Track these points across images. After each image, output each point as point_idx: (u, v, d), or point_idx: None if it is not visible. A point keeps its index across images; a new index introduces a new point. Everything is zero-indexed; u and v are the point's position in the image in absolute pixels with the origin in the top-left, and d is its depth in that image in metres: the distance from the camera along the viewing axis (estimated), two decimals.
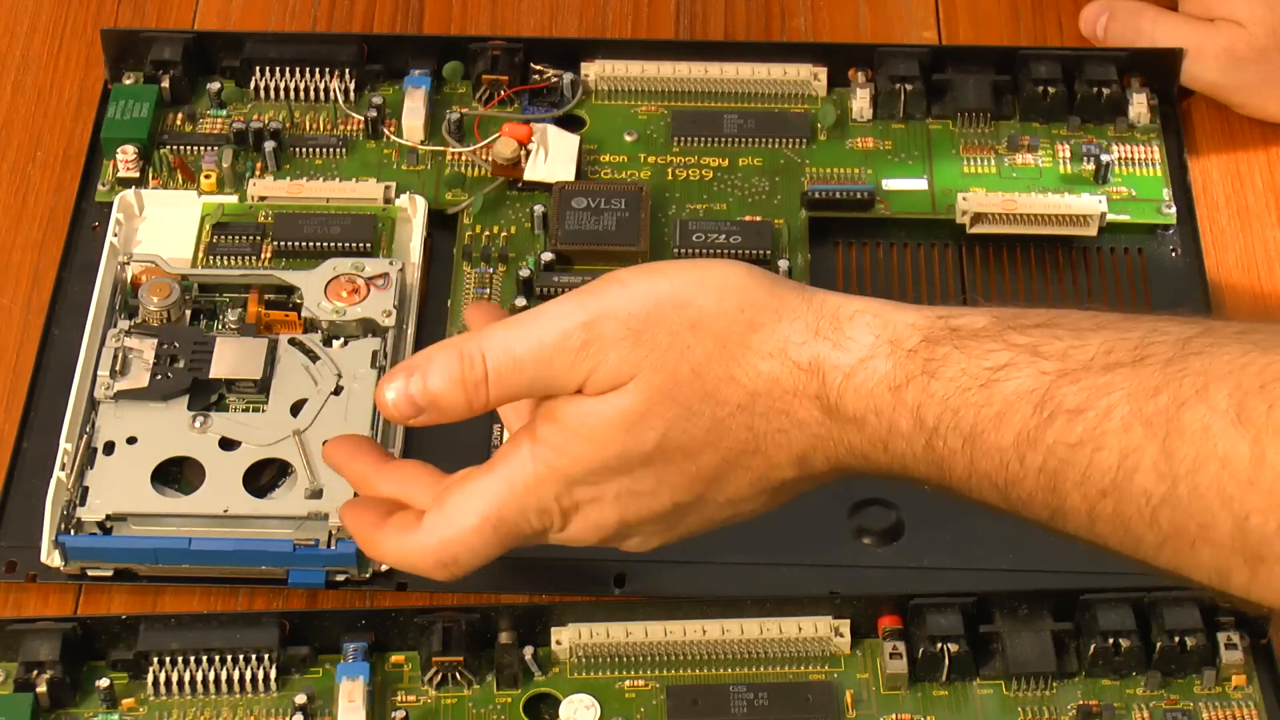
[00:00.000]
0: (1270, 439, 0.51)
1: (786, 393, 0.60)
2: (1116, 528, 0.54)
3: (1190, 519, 0.52)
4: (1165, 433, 0.52)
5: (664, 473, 0.61)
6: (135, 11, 0.91)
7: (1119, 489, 0.53)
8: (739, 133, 0.84)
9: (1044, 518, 0.57)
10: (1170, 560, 0.54)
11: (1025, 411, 0.56)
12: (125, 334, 0.75)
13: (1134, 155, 0.84)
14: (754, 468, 0.61)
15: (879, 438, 0.59)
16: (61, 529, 0.70)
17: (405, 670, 0.68)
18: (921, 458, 0.58)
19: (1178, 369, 0.53)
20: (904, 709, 0.68)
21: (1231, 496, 0.51)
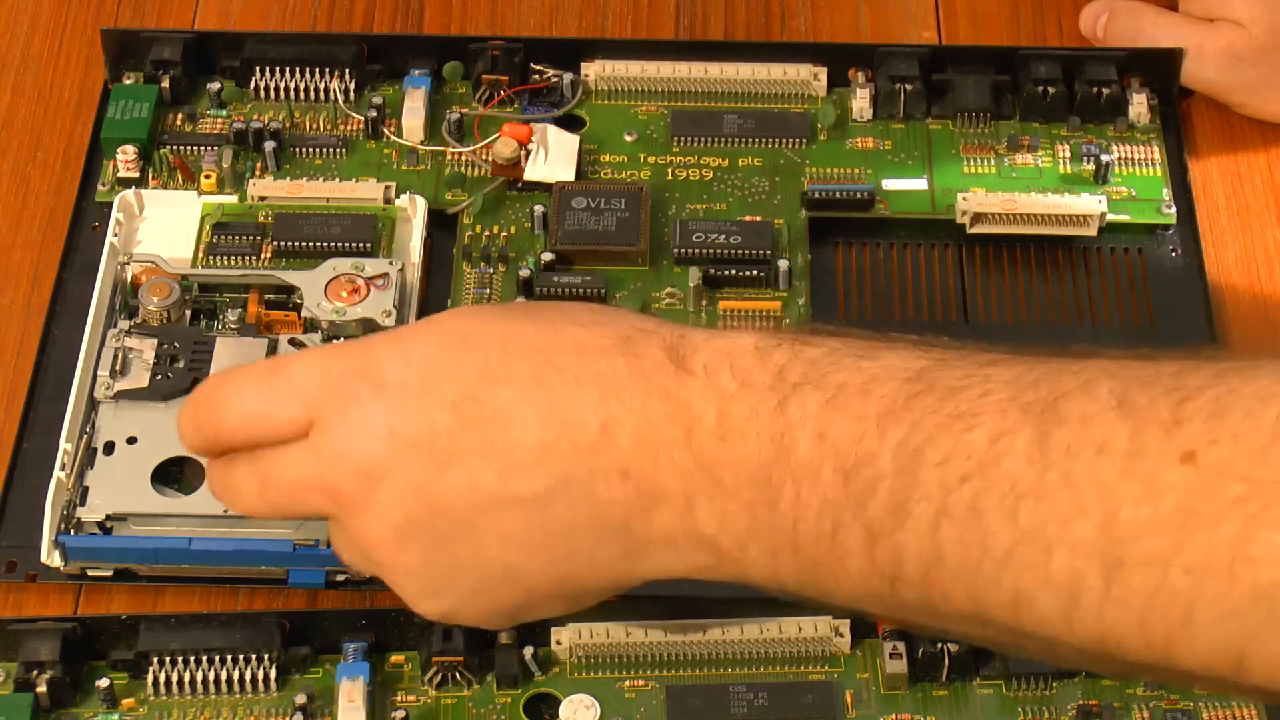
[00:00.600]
0: (1151, 429, 0.48)
1: (635, 328, 0.56)
2: (965, 529, 0.49)
3: (1055, 513, 0.48)
4: (1042, 419, 0.49)
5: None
6: (135, 11, 0.91)
7: (983, 473, 0.49)
8: (739, 133, 0.84)
9: (877, 519, 0.51)
10: (1016, 579, 0.49)
11: (895, 381, 0.52)
12: (125, 334, 0.75)
13: (1134, 155, 0.84)
14: (563, 389, 0.55)
15: (723, 396, 0.53)
16: (61, 529, 0.70)
17: (405, 670, 0.69)
18: (765, 426, 0.53)
19: (1059, 366, 0.51)
20: (904, 709, 0.68)
21: (1105, 485, 0.48)
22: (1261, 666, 0.46)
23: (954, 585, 0.51)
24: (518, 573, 0.58)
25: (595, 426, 0.55)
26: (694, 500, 0.54)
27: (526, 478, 0.56)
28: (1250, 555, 0.46)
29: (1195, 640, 0.47)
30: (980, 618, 0.51)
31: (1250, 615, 0.46)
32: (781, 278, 0.78)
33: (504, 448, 0.56)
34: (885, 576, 0.52)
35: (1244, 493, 0.46)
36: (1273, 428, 0.46)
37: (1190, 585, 0.47)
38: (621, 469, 0.55)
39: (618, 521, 0.56)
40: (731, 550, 0.55)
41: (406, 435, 0.56)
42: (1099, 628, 0.49)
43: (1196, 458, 0.47)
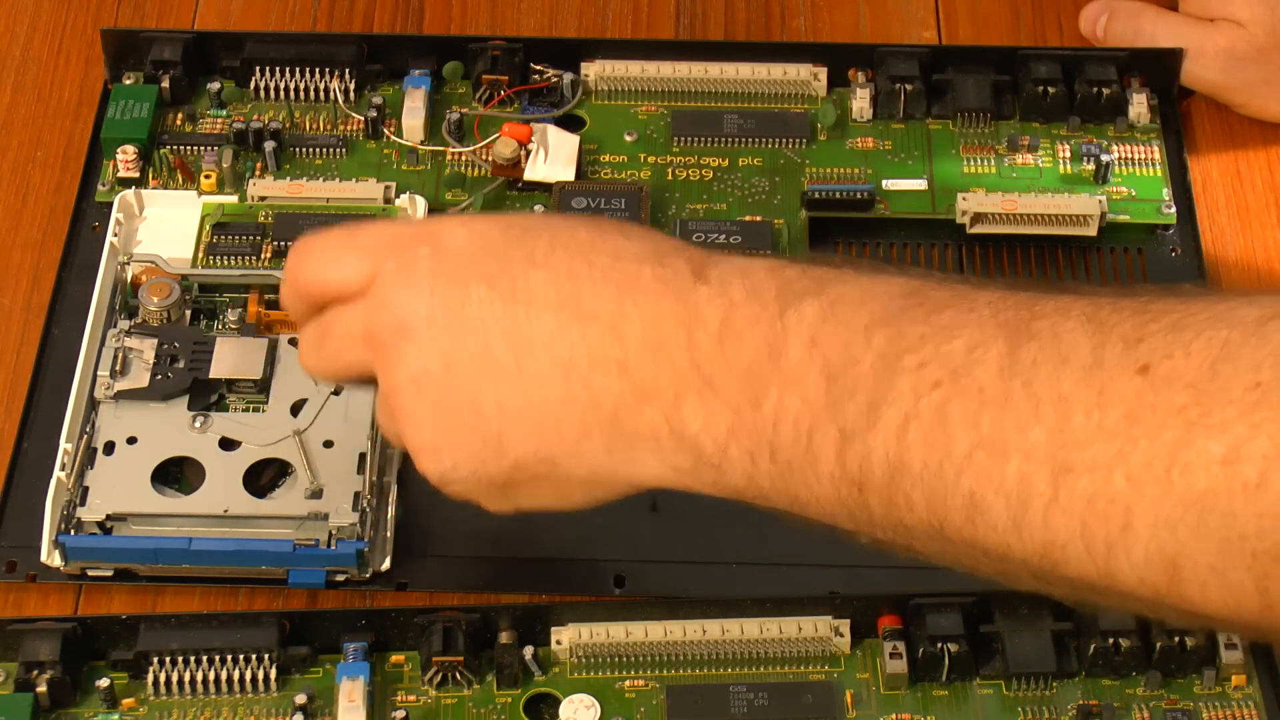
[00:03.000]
0: (1113, 344, 0.50)
1: (669, 243, 0.59)
2: (931, 432, 0.52)
3: (1014, 419, 0.50)
4: (1017, 334, 0.51)
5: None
6: (135, 11, 0.91)
7: (955, 380, 0.51)
8: (739, 133, 0.84)
9: (851, 420, 0.53)
10: (972, 482, 0.51)
11: (890, 296, 0.54)
12: (125, 334, 0.75)
13: (1134, 155, 0.84)
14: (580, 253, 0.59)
15: (731, 303, 0.56)
16: (61, 529, 0.70)
17: (405, 670, 0.69)
18: (763, 331, 0.55)
19: (1040, 295, 0.53)
20: (904, 709, 0.68)
21: (1063, 394, 0.50)
22: (1193, 578, 0.48)
23: (916, 491, 0.52)
24: (507, 444, 0.60)
25: (607, 320, 0.58)
26: (683, 398, 0.57)
27: (534, 356, 0.58)
28: (1186, 463, 0.47)
29: (1132, 550, 0.48)
30: (939, 528, 0.52)
31: (1183, 523, 0.47)
32: None
33: (521, 325, 0.59)
34: (854, 482, 0.54)
35: (1187, 401, 0.47)
36: (1223, 345, 0.48)
37: (1130, 491, 0.48)
38: (621, 362, 0.57)
39: (608, 412, 0.58)
40: (712, 452, 0.57)
41: (443, 296, 0.60)
42: (1045, 535, 0.50)
43: (1150, 370, 0.49)
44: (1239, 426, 0.46)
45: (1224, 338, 0.48)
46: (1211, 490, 0.47)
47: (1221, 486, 0.47)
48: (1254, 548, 0.46)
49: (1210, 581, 0.48)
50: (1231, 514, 0.46)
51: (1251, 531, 0.46)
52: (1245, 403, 0.47)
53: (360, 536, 0.70)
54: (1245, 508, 0.46)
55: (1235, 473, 0.46)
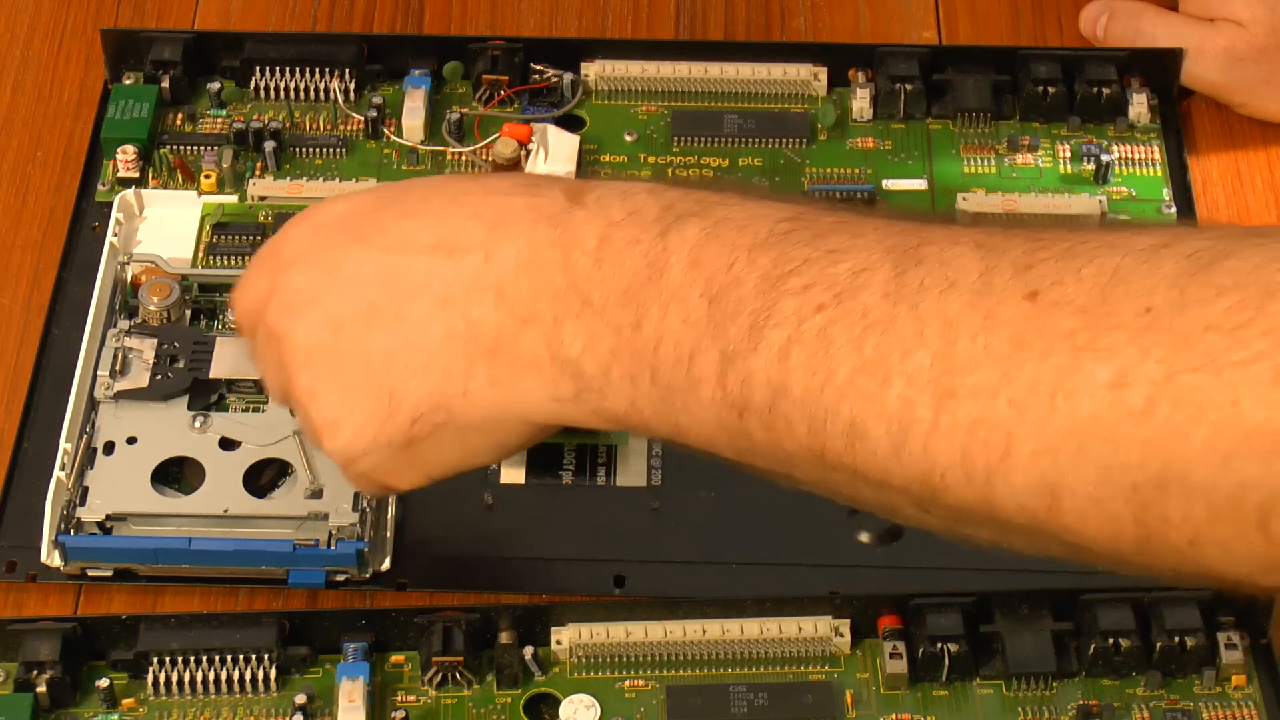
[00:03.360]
0: (1002, 269, 0.49)
1: (543, 177, 0.59)
2: (813, 355, 0.51)
3: (897, 343, 0.49)
4: (904, 258, 0.51)
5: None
6: (135, 11, 0.91)
7: (839, 303, 0.50)
8: (739, 133, 0.84)
9: (734, 341, 0.52)
10: (853, 407, 0.50)
11: (775, 219, 0.54)
12: (125, 334, 0.75)
13: (1134, 155, 0.84)
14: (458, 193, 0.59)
15: (609, 223, 0.55)
16: (61, 529, 0.70)
17: (405, 670, 0.68)
18: (644, 251, 0.55)
19: (929, 222, 0.52)
20: (904, 709, 0.68)
21: (948, 318, 0.49)
22: (1072, 506, 0.47)
23: (796, 415, 0.52)
24: (400, 397, 0.59)
25: (480, 251, 0.57)
26: (562, 320, 0.56)
27: (414, 301, 0.58)
28: (1072, 387, 0.47)
29: (1012, 476, 0.48)
30: (820, 454, 0.52)
31: (1064, 450, 0.47)
32: None
33: (397, 273, 0.58)
34: (735, 406, 0.53)
35: (1076, 326, 0.47)
36: (1114, 270, 0.47)
37: (1012, 417, 0.47)
38: (498, 289, 0.57)
39: (489, 343, 0.57)
40: (593, 376, 0.56)
41: (320, 265, 0.60)
42: (925, 461, 0.49)
43: (1039, 295, 0.48)
44: (1128, 350, 0.46)
45: (1115, 264, 0.47)
46: (1096, 416, 0.46)
47: (1106, 412, 0.46)
48: (1135, 478, 0.46)
49: (1089, 511, 0.47)
50: (1114, 441, 0.46)
51: (1134, 460, 0.46)
52: (1135, 327, 0.46)
53: (360, 536, 0.70)
54: (1129, 434, 0.46)
55: (1121, 398, 0.46)
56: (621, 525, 0.72)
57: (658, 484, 0.73)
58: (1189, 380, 0.45)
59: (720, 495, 0.73)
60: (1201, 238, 0.47)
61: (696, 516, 0.72)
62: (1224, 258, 0.46)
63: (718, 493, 0.73)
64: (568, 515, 0.73)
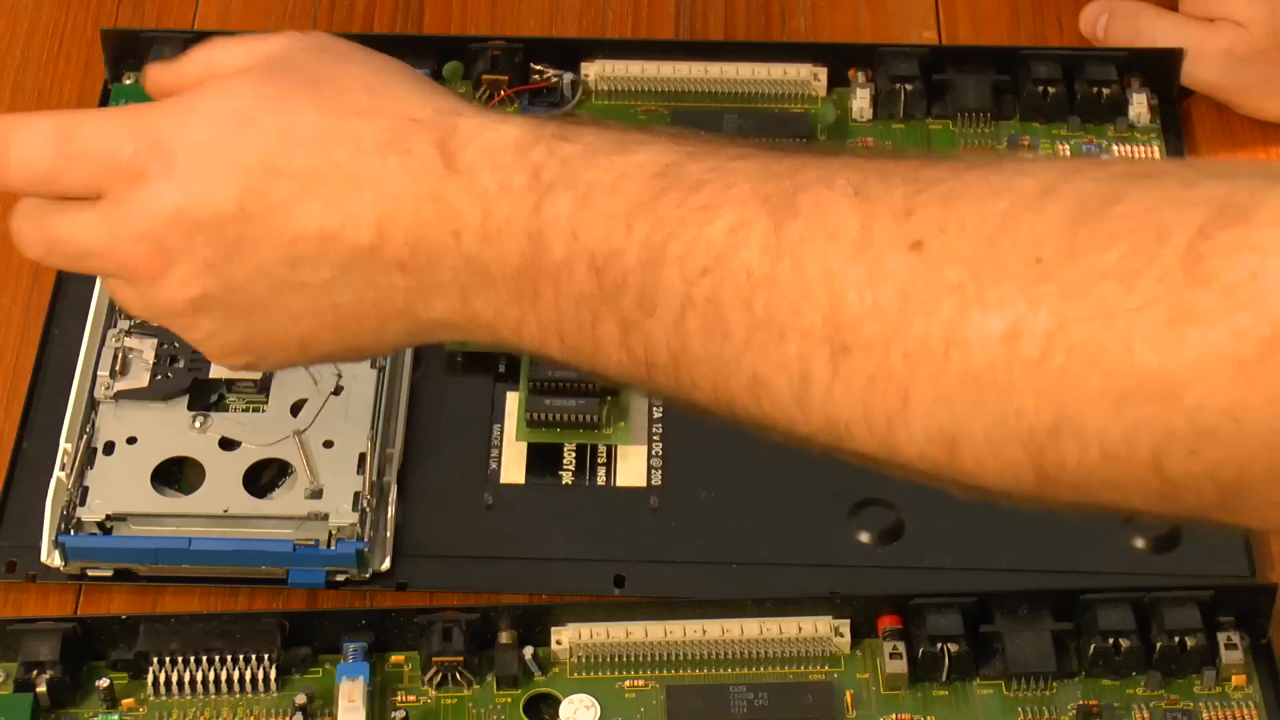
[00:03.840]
0: (882, 217, 0.49)
1: (410, 120, 0.57)
2: (707, 318, 0.51)
3: (786, 301, 0.49)
4: (780, 210, 0.50)
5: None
6: (135, 11, 0.91)
7: (721, 265, 0.50)
8: (739, 133, 0.84)
9: (628, 311, 0.53)
10: (754, 362, 0.51)
11: (645, 177, 0.53)
12: (125, 334, 0.75)
13: (1134, 155, 0.84)
14: (326, 200, 0.57)
15: (485, 197, 0.55)
16: (61, 529, 0.70)
17: (405, 670, 0.68)
18: (523, 227, 0.54)
19: (804, 160, 0.52)
20: (904, 709, 0.68)
21: (832, 272, 0.49)
22: (971, 453, 0.48)
23: (699, 372, 0.52)
24: (311, 342, 0.60)
25: (371, 223, 0.57)
26: (468, 292, 0.56)
27: (312, 268, 0.58)
28: (963, 338, 0.47)
29: (911, 426, 0.48)
30: (728, 406, 0.52)
31: (959, 400, 0.47)
32: None
33: (288, 239, 0.58)
34: (641, 364, 0.54)
35: (963, 278, 0.47)
36: (1000, 218, 0.47)
37: (907, 370, 0.48)
38: (399, 263, 0.57)
39: (401, 306, 0.58)
40: (509, 334, 0.57)
41: (193, 217, 0.58)
42: (828, 411, 0.50)
43: (923, 246, 0.48)
44: (1019, 302, 0.46)
45: (1001, 210, 0.47)
46: (989, 367, 0.46)
47: (1000, 363, 0.46)
48: (1030, 424, 0.46)
49: (986, 457, 0.48)
50: (1009, 389, 0.46)
51: (1029, 408, 0.46)
52: (1025, 278, 0.46)
53: (360, 536, 0.70)
54: (1023, 383, 0.46)
55: (1014, 350, 0.46)
56: (621, 525, 0.72)
57: (658, 484, 0.73)
58: (1082, 329, 0.45)
59: (720, 495, 0.73)
60: (1088, 179, 0.47)
61: (696, 516, 0.72)
62: (1114, 202, 0.46)
63: (718, 493, 0.73)
64: (567, 515, 0.73)
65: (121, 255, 0.60)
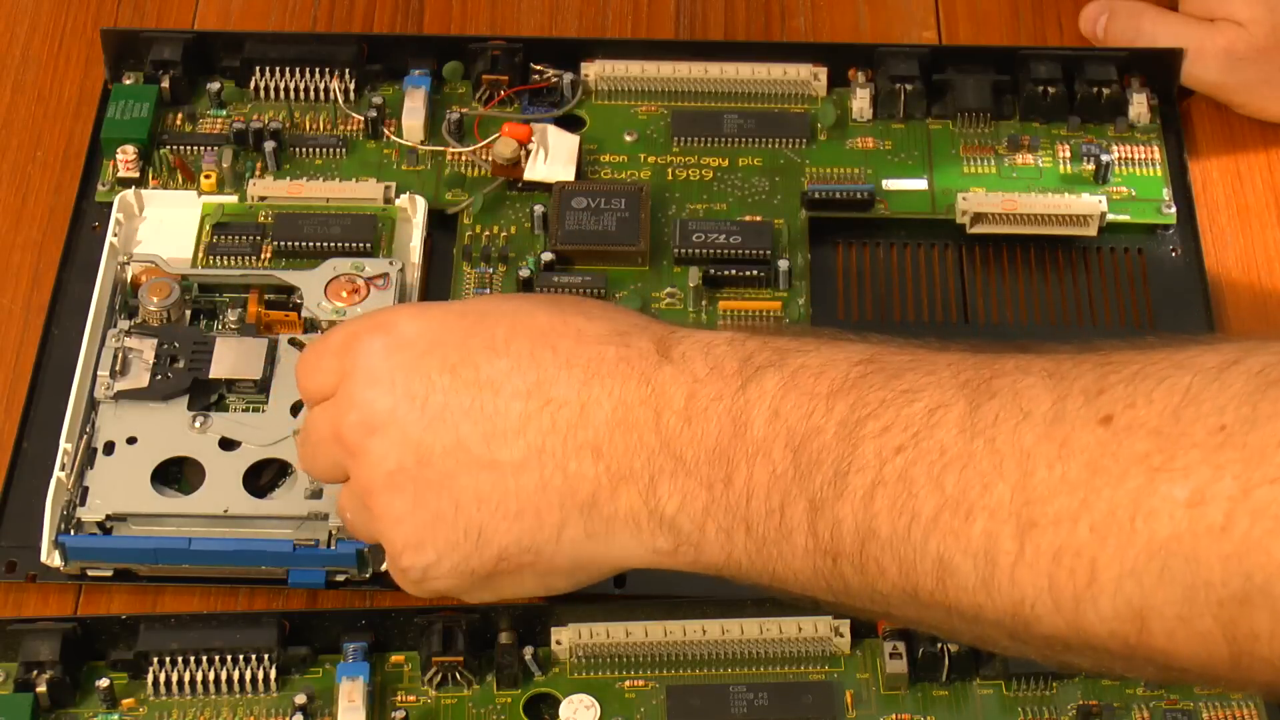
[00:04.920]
0: (1074, 397, 0.49)
1: (632, 324, 0.59)
2: (897, 497, 0.51)
3: (977, 478, 0.50)
4: (977, 393, 0.51)
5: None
6: (135, 11, 0.91)
7: (917, 443, 0.51)
8: (739, 133, 0.84)
9: (819, 489, 0.53)
10: (939, 544, 0.51)
11: (849, 363, 0.54)
12: (125, 334, 0.75)
13: (1134, 155, 0.84)
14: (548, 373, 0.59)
15: (695, 380, 0.56)
16: (61, 529, 0.71)
17: (405, 670, 0.69)
18: (727, 407, 0.55)
19: (1000, 354, 0.53)
20: (904, 709, 0.68)
21: (1024, 449, 0.49)
22: (1161, 627, 0.47)
23: (886, 557, 0.52)
24: (489, 535, 0.60)
25: (576, 405, 0.58)
26: (657, 480, 0.57)
27: (507, 444, 0.58)
28: (1150, 509, 0.47)
29: (1100, 601, 0.48)
30: (913, 593, 0.52)
31: (1148, 572, 0.47)
32: (781, 278, 0.78)
33: (490, 413, 0.59)
34: (827, 553, 0.53)
35: (1150, 448, 0.47)
36: (1186, 390, 0.47)
37: (1094, 542, 0.48)
38: (595, 447, 0.57)
39: (586, 497, 0.58)
40: (690, 531, 0.57)
41: (405, 388, 0.60)
42: (1014, 593, 0.50)
43: (1113, 420, 0.48)
44: (1203, 469, 0.46)
45: (1186, 384, 0.48)
46: (1175, 536, 0.46)
47: (1185, 531, 0.46)
48: (1219, 595, 0.46)
49: (1178, 631, 0.47)
50: (1195, 559, 0.46)
51: (1217, 578, 0.46)
52: (1209, 445, 0.46)
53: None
54: (1209, 551, 0.46)
55: (1199, 516, 0.46)
56: None
57: None
58: (1265, 493, 0.45)
59: None
60: (1269, 353, 0.48)
61: None
62: None
63: None
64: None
65: (338, 425, 0.61)
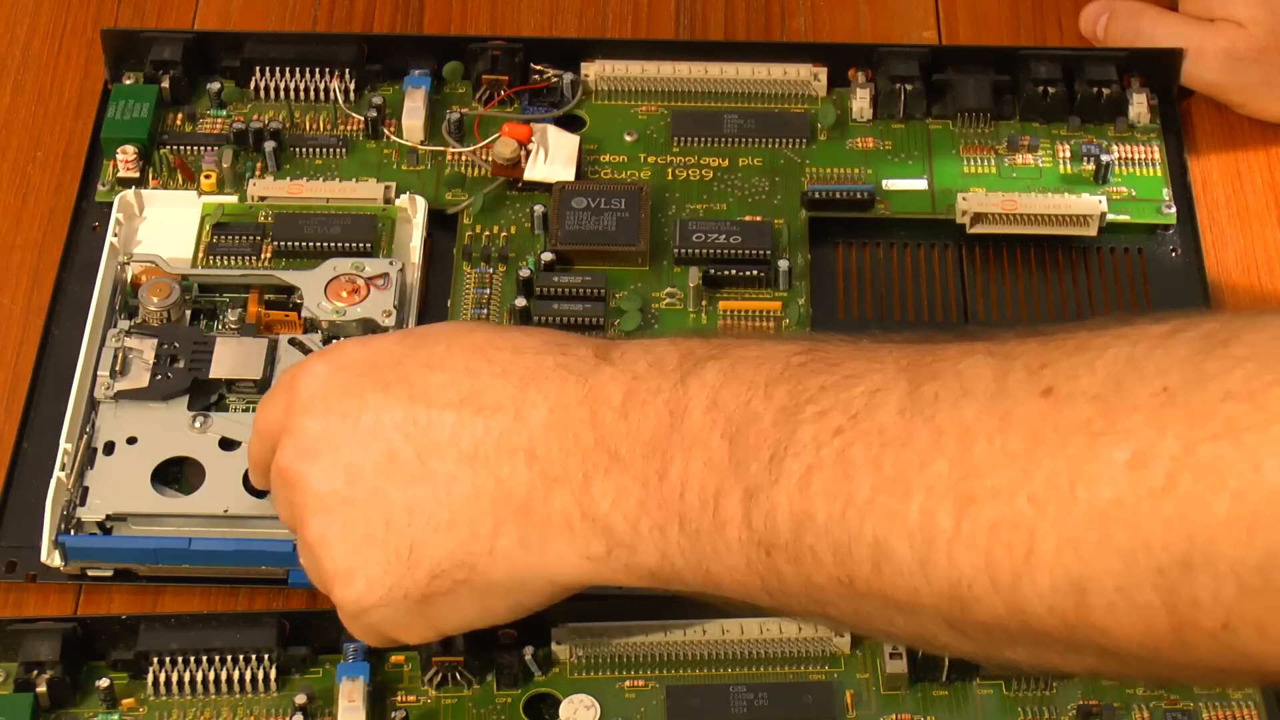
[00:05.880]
0: (1017, 372, 0.49)
1: (571, 336, 0.59)
2: (833, 480, 0.51)
3: (915, 456, 0.49)
4: (918, 376, 0.51)
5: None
6: (135, 11, 0.91)
7: (855, 425, 0.51)
8: (739, 133, 0.84)
9: (755, 477, 0.52)
10: (875, 526, 0.50)
11: (790, 353, 0.54)
12: (125, 334, 0.75)
13: (1134, 155, 0.84)
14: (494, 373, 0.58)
15: (635, 377, 0.56)
16: (61, 529, 0.71)
17: (405, 670, 0.69)
18: (665, 399, 0.55)
19: (945, 340, 0.52)
20: (904, 709, 0.68)
21: (964, 424, 0.49)
22: (1101, 600, 0.47)
23: (822, 544, 0.51)
24: (421, 551, 0.59)
25: (510, 410, 0.57)
26: (591, 477, 0.56)
27: (440, 455, 0.58)
28: (1091, 474, 0.46)
29: (1037, 575, 0.47)
30: (849, 582, 0.51)
31: (1086, 540, 0.46)
32: (781, 278, 0.78)
33: (424, 425, 0.58)
34: (762, 543, 0.53)
35: (1091, 414, 0.46)
36: (1128, 359, 0.47)
37: (1033, 514, 0.47)
38: (529, 450, 0.57)
39: (520, 503, 0.57)
40: (623, 531, 0.56)
41: (339, 408, 0.59)
42: (951, 573, 0.49)
43: (1054, 391, 0.48)
44: (1145, 430, 0.45)
45: (1128, 353, 0.47)
46: (1116, 499, 0.45)
47: (1126, 494, 0.45)
48: (1160, 561, 0.45)
49: (1118, 603, 0.46)
50: (1136, 523, 0.45)
51: (1157, 542, 0.45)
52: (1151, 407, 0.45)
53: None
54: (1150, 514, 0.45)
55: (1141, 478, 0.45)
56: None
57: None
58: (1208, 449, 0.44)
59: None
60: (1214, 319, 0.47)
61: None
62: (1240, 333, 0.46)
63: None
64: None
65: (280, 459, 0.61)
